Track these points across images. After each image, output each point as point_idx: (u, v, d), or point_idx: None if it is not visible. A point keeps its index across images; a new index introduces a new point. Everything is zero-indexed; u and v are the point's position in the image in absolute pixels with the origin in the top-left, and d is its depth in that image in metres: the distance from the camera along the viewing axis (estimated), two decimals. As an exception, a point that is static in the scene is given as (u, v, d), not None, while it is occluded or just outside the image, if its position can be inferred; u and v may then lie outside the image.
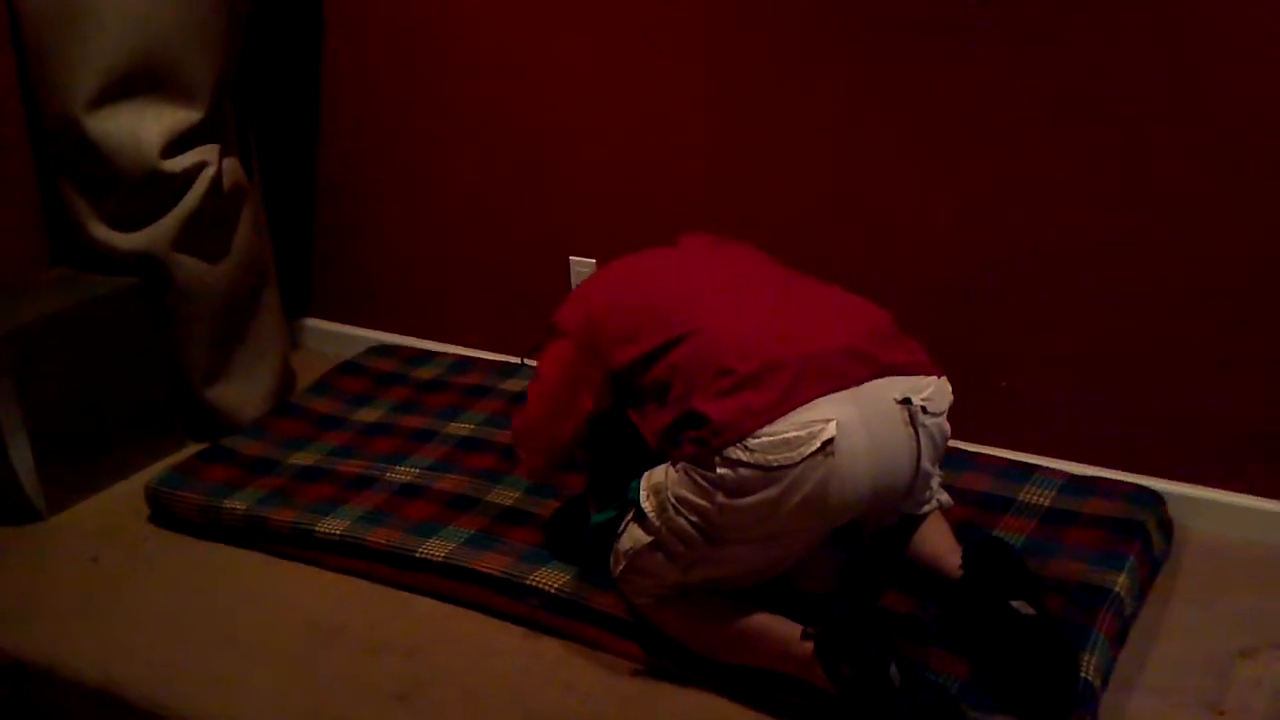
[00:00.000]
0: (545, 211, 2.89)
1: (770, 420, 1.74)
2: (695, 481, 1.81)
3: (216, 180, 2.72)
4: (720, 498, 1.78)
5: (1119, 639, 1.99)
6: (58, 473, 2.59)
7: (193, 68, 2.67)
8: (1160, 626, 2.09)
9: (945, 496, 2.06)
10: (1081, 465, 2.42)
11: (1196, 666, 1.98)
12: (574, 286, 2.85)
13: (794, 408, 1.75)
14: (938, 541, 1.99)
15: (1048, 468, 2.40)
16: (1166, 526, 2.27)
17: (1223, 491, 2.33)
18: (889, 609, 2.01)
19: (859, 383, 1.80)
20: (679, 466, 1.84)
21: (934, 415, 1.84)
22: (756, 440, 1.74)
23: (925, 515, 2.02)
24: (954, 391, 1.91)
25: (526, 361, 2.90)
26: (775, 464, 1.73)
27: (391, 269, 3.18)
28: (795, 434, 1.73)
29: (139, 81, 2.62)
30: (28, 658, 2.17)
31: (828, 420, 1.74)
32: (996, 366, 2.46)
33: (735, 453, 1.75)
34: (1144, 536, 2.17)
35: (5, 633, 2.22)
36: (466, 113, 2.91)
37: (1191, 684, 1.94)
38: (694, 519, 1.83)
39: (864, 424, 1.77)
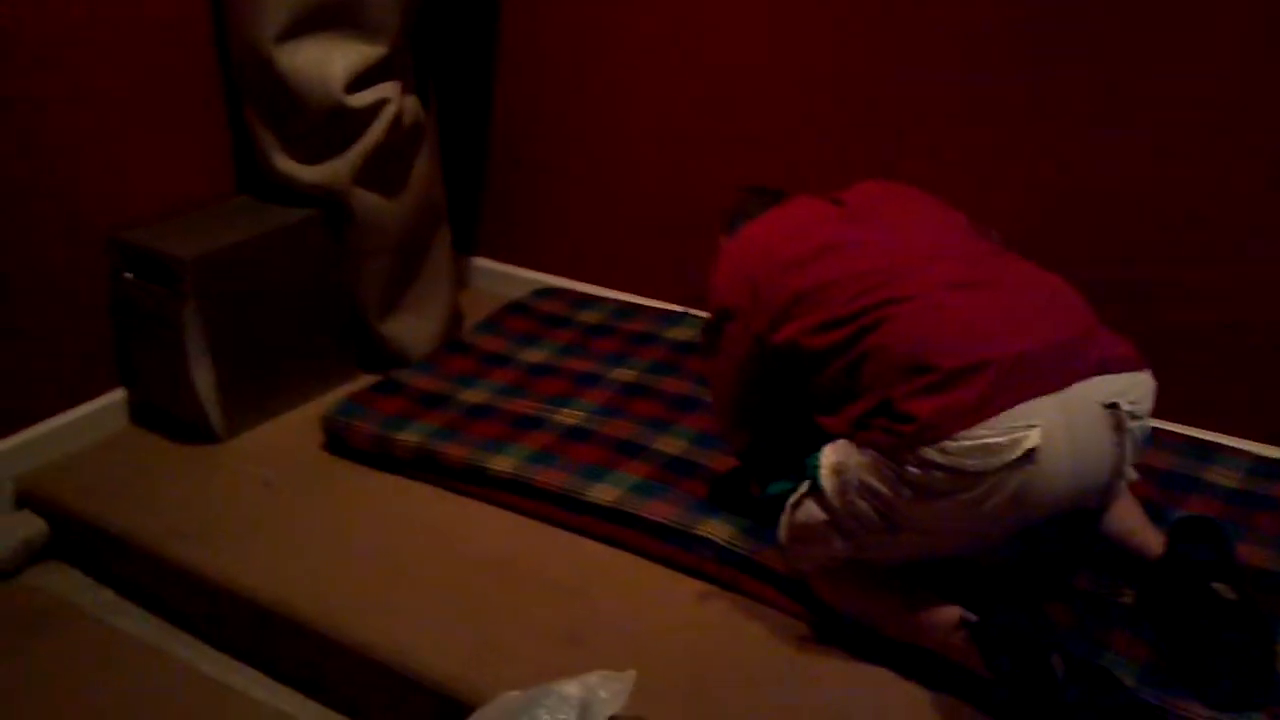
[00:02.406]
0: (720, 159, 2.86)
1: (971, 423, 1.67)
2: (882, 472, 1.75)
3: (397, 117, 2.75)
4: (907, 493, 1.73)
5: (1309, 630, 1.91)
6: (236, 396, 2.67)
7: (379, 4, 2.69)
8: (1351, 619, 2.00)
9: (1132, 473, 2.00)
10: (1268, 447, 2.33)
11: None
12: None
13: (998, 411, 1.67)
14: (1129, 519, 1.93)
15: (1233, 447, 2.32)
16: (1359, 515, 2.18)
17: None
18: (1069, 591, 1.96)
19: (1066, 384, 1.70)
20: (865, 451, 1.78)
21: (1140, 419, 1.76)
22: (955, 443, 1.67)
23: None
24: (1126, 339, 1.82)
25: (690, 311, 2.91)
26: (972, 469, 1.67)
27: (560, 212, 3.19)
28: (996, 440, 1.66)
29: (327, 16, 2.65)
30: (205, 573, 2.24)
31: (1031, 426, 1.66)
32: (1174, 341, 2.37)
33: (930, 453, 1.68)
34: (1338, 525, 2.08)
35: (185, 549, 2.30)
36: (642, 54, 2.89)
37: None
38: (876, 506, 1.78)
39: (1068, 429, 1.69)
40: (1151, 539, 1.90)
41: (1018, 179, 2.48)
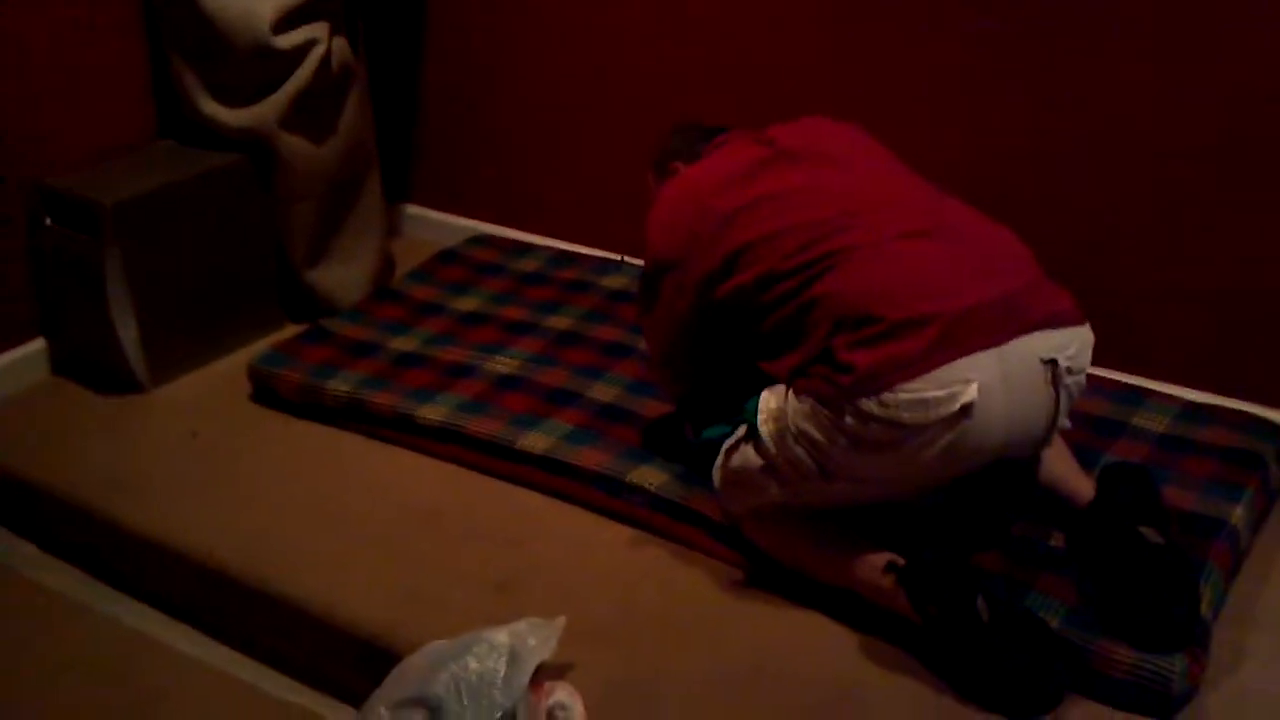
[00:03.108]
0: (653, 105, 2.82)
1: (910, 376, 1.66)
2: (820, 420, 1.74)
3: (326, 59, 2.69)
4: (843, 442, 1.73)
5: (1232, 572, 1.94)
6: (161, 346, 2.61)
7: (307, -58, 2.63)
8: (1274, 561, 2.03)
9: (1066, 422, 2.00)
10: (1197, 392, 2.35)
11: (1312, 603, 1.93)
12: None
13: (938, 365, 1.66)
14: (1060, 465, 1.94)
15: (1163, 393, 2.34)
16: (1285, 459, 2.21)
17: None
18: (1000, 535, 1.97)
19: (1007, 339, 1.70)
20: (804, 399, 1.77)
21: (1076, 374, 1.77)
22: (892, 395, 1.66)
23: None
24: (1067, 292, 1.83)
25: (626, 260, 2.88)
26: (908, 422, 1.67)
27: (493, 158, 3.15)
28: (934, 394, 1.66)
29: (253, -46, 2.58)
30: (130, 526, 2.20)
31: (969, 381, 1.66)
32: (1116, 290, 2.38)
33: (868, 405, 1.67)
34: (1263, 468, 2.11)
35: (108, 501, 2.25)
36: (580, 2, 2.84)
37: (1306, 621, 1.90)
38: (812, 453, 1.77)
39: (1005, 384, 1.69)
40: (1081, 485, 1.91)
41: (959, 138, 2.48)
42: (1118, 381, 2.35)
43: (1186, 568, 1.75)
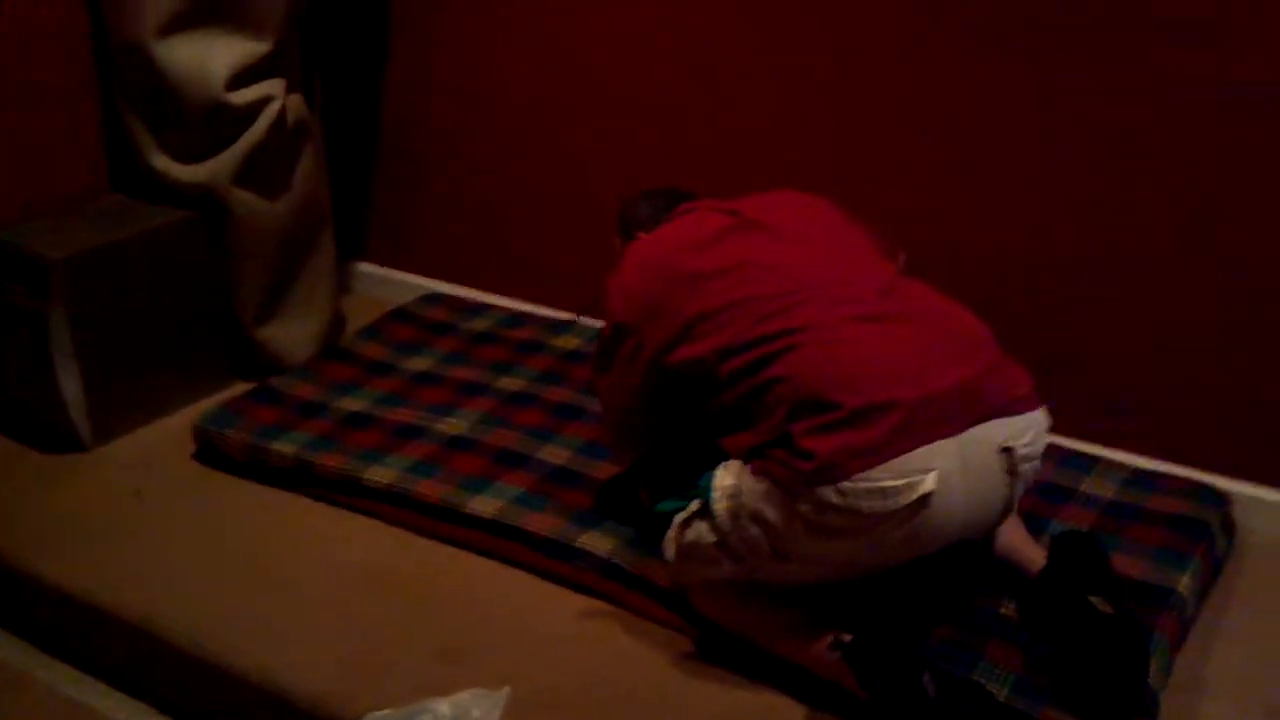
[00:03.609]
0: (607, 166, 2.83)
1: (870, 465, 1.65)
2: (776, 502, 1.73)
3: (281, 116, 2.68)
4: (800, 527, 1.72)
5: (1179, 641, 1.94)
6: (104, 403, 2.57)
7: None
8: (1219, 629, 2.04)
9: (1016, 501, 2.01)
10: (1144, 458, 2.37)
11: (1257, 671, 1.94)
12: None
13: (898, 454, 1.66)
14: (1011, 536, 1.95)
15: (1110, 459, 2.35)
16: (1229, 527, 2.22)
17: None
18: (950, 604, 1.96)
19: (966, 427, 1.70)
20: (760, 478, 1.75)
21: (1032, 460, 1.78)
22: (851, 484, 1.66)
23: None
24: (1025, 372, 1.84)
25: (580, 319, 2.87)
26: (866, 510, 1.67)
27: (447, 217, 3.14)
28: (892, 483, 1.65)
29: (209, 11, 2.58)
30: (67, 589, 2.16)
31: (928, 470, 1.66)
32: (1062, 354, 2.40)
33: (826, 493, 1.66)
34: (1208, 536, 2.12)
35: (46, 560, 2.21)
36: (532, 56, 2.85)
37: (1251, 689, 1.90)
38: (768, 534, 1.76)
39: (963, 473, 1.70)
40: (1032, 554, 1.92)
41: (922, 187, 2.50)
42: (1065, 448, 2.36)
43: (1137, 638, 1.75)
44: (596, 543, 2.10)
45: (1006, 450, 1.73)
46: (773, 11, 2.52)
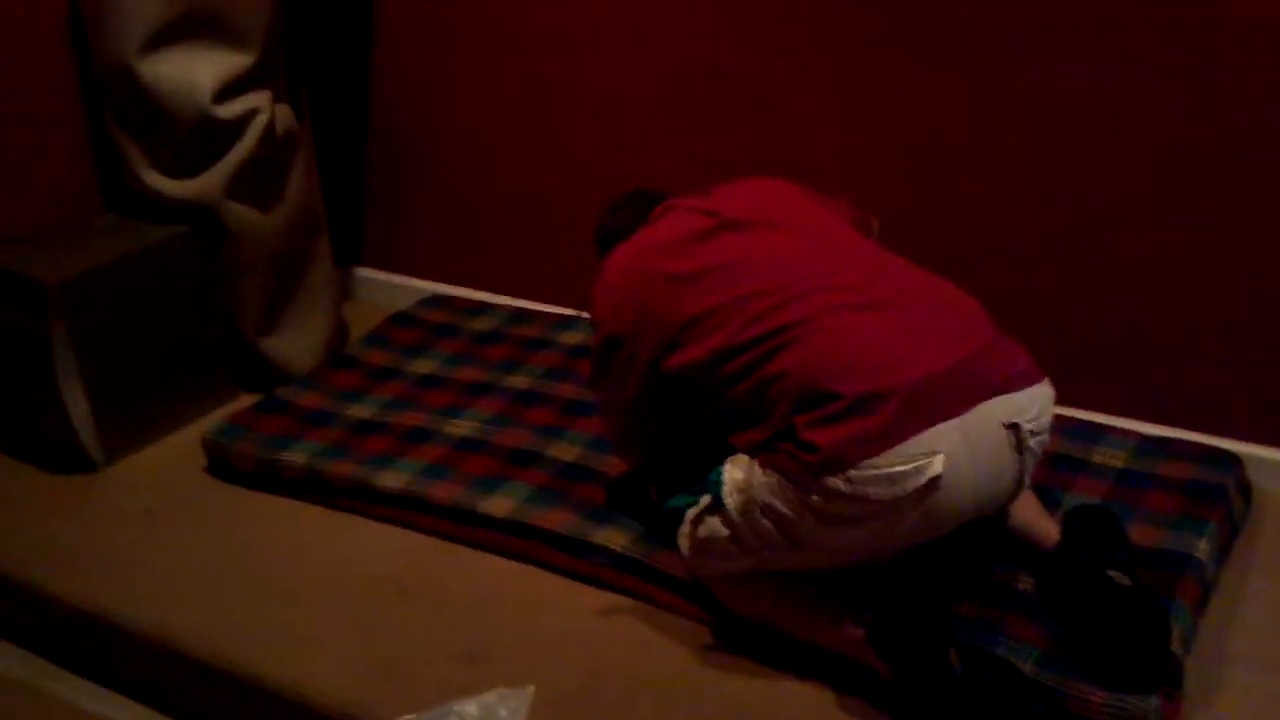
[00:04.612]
0: (605, 159, 2.83)
1: (875, 452, 1.65)
2: (786, 495, 1.73)
3: (269, 127, 2.67)
4: (811, 518, 1.72)
5: (1201, 605, 1.94)
6: (112, 422, 2.57)
7: (245, 11, 2.61)
8: (1242, 592, 2.04)
9: (1028, 477, 2.00)
10: (1153, 426, 2.37)
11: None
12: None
13: (902, 439, 1.66)
14: (1026, 511, 1.94)
15: (1120, 428, 2.35)
16: (1245, 489, 2.22)
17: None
18: (969, 581, 1.96)
19: (969, 406, 1.70)
20: (769, 472, 1.75)
21: (1039, 435, 1.77)
22: (858, 472, 1.66)
23: None
24: (1023, 347, 1.83)
25: (584, 315, 2.86)
26: (875, 498, 1.67)
27: (445, 218, 3.13)
28: (900, 469, 1.65)
29: (192, 25, 2.57)
30: (83, 607, 2.16)
31: (935, 454, 1.66)
32: (1069, 325, 2.40)
33: (835, 483, 1.67)
34: (1225, 500, 2.12)
35: (62, 581, 2.21)
36: (523, 55, 2.84)
37: (1276, 650, 1.90)
38: (780, 525, 1.76)
39: (970, 453, 1.69)
40: (1047, 529, 1.92)
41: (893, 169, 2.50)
42: (1075, 419, 2.36)
43: (1155, 608, 1.75)
44: (611, 538, 2.10)
45: (1012, 426, 1.73)
46: (778, 7, 2.51)
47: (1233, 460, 2.23)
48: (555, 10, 2.76)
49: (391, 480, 2.29)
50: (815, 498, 1.69)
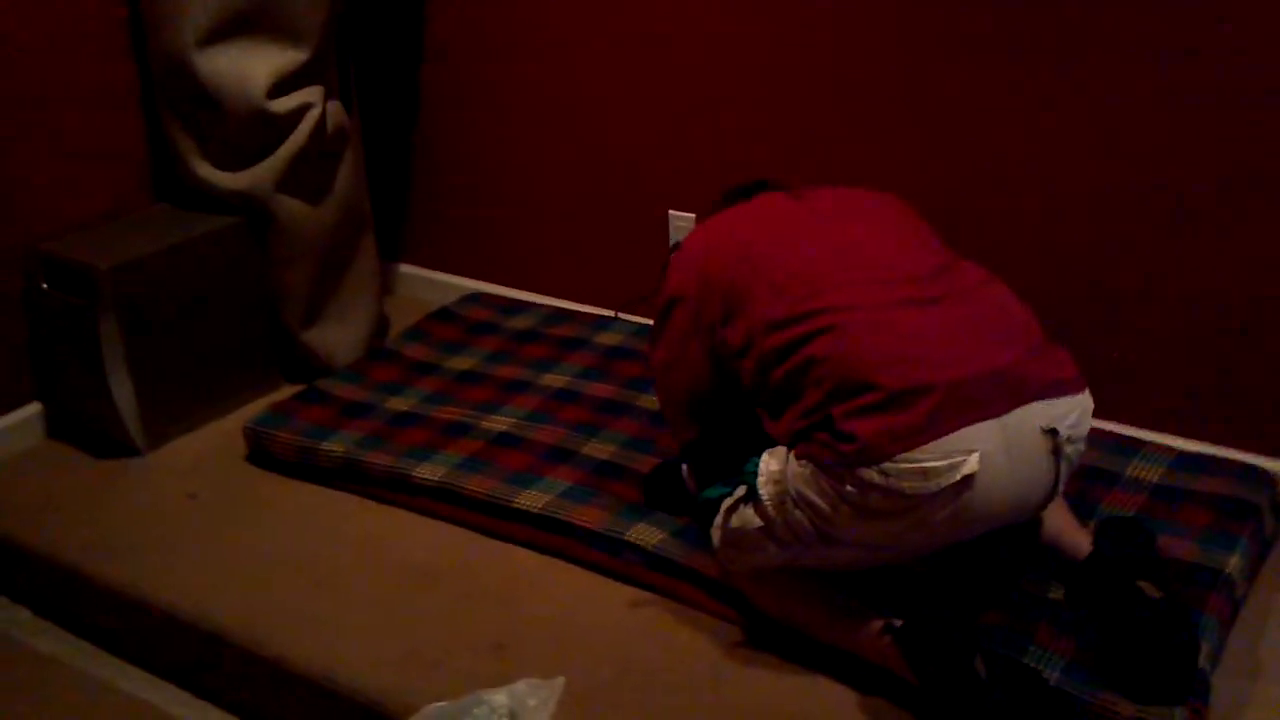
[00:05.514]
0: (646, 163, 2.85)
1: (911, 446, 1.66)
2: (820, 486, 1.74)
3: (321, 122, 2.72)
4: (844, 510, 1.73)
5: (1229, 622, 1.94)
6: (157, 409, 2.62)
7: (302, 8, 2.65)
8: (1270, 610, 2.03)
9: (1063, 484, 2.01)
10: (1189, 441, 2.36)
11: (1311, 653, 1.94)
12: (673, 241, 2.82)
13: (940, 435, 1.66)
14: (1058, 520, 1.95)
15: (1156, 443, 2.35)
16: (1278, 508, 2.21)
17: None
18: (1000, 589, 1.97)
19: (1008, 409, 1.70)
20: (804, 462, 1.76)
21: (1076, 443, 1.77)
22: (894, 465, 1.66)
23: None
24: (1069, 357, 1.83)
25: (621, 315, 2.89)
26: (909, 492, 1.67)
27: (488, 217, 3.17)
28: (935, 464, 1.66)
29: (249, 20, 2.61)
30: (126, 590, 2.20)
31: (970, 452, 1.66)
32: (1104, 338, 2.40)
33: (870, 475, 1.67)
34: (1257, 517, 2.11)
35: (104, 565, 2.25)
36: (571, 56, 2.87)
37: (1306, 671, 1.90)
38: (813, 518, 1.77)
39: (1006, 455, 1.69)
40: (1079, 539, 1.92)
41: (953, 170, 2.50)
42: (1112, 432, 2.36)
43: (1185, 621, 1.75)
44: (643, 535, 2.12)
45: (1051, 432, 1.73)
46: (803, 8, 2.53)
47: (1266, 478, 2.22)
48: (602, 18, 2.78)
49: (429, 472, 2.33)
50: (849, 488, 1.70)
